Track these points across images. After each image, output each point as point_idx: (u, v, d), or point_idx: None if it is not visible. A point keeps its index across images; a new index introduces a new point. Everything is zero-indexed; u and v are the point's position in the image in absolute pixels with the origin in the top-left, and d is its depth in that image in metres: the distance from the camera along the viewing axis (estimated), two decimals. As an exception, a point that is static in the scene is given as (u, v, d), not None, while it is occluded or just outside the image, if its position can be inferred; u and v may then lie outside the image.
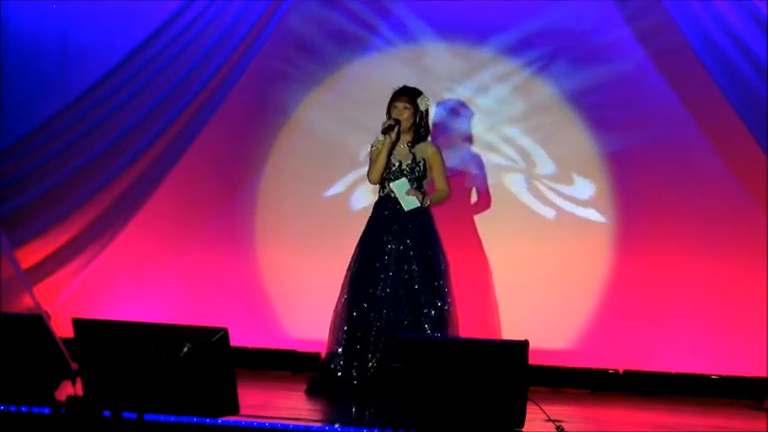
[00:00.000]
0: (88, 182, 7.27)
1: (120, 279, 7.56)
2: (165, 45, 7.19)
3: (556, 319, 7.12)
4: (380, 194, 6.28)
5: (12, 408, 4.89)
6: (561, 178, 7.25)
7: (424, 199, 6.16)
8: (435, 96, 7.07)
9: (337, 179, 7.46)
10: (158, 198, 7.39)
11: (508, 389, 4.46)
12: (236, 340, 4.39)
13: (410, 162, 6.20)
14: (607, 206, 7.20)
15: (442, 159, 6.28)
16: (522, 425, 4.49)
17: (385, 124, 6.15)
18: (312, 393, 6.18)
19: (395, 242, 6.17)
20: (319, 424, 4.99)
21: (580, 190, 7.23)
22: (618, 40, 7.15)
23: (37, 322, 4.86)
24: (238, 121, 7.53)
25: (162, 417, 4.64)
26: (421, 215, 6.20)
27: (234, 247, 7.55)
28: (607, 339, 7.12)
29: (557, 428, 4.99)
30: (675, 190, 7.09)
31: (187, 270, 7.54)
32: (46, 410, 4.79)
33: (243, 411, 4.39)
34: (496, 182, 7.27)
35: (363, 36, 7.44)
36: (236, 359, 4.33)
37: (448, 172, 6.39)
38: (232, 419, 4.63)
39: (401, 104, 6.21)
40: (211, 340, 4.27)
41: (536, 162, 7.28)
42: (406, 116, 6.20)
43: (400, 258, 6.14)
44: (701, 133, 7.07)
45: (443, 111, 7.28)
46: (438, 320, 6.07)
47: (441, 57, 7.36)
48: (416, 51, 7.40)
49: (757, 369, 6.83)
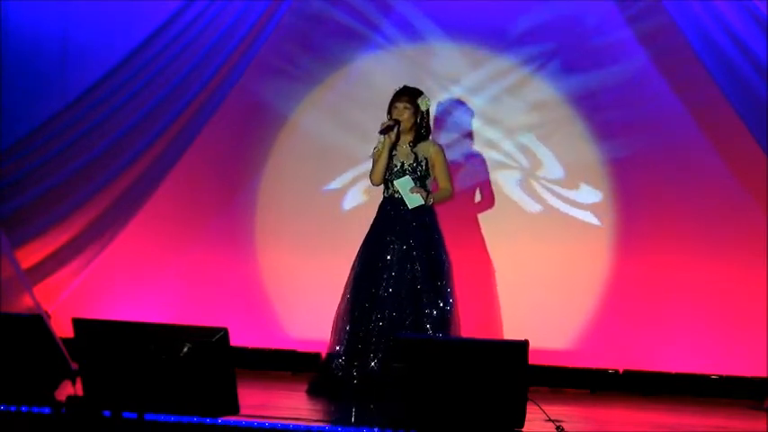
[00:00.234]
0: (88, 182, 7.27)
1: (120, 279, 7.55)
2: (165, 45, 7.19)
3: (556, 319, 7.12)
4: (384, 195, 6.29)
5: (12, 408, 4.89)
6: (561, 178, 7.25)
7: (428, 197, 6.16)
8: (436, 96, 7.08)
9: (337, 179, 7.46)
10: (158, 198, 7.39)
11: (508, 389, 4.46)
12: (236, 340, 4.39)
13: (412, 162, 6.20)
14: (607, 206, 7.20)
15: (445, 158, 6.28)
16: (522, 425, 4.49)
17: (383, 125, 6.15)
18: (314, 393, 6.18)
19: (398, 242, 6.17)
20: (320, 424, 4.99)
21: (580, 190, 7.23)
22: (618, 41, 7.15)
23: (37, 322, 4.86)
24: (238, 121, 7.53)
25: (162, 417, 4.64)
26: (424, 215, 6.20)
27: (234, 247, 7.55)
28: (607, 339, 7.13)
29: (557, 428, 4.99)
30: (675, 190, 7.09)
31: (187, 270, 7.54)
32: (46, 410, 4.79)
33: (243, 411, 4.39)
34: (497, 181, 7.27)
35: (363, 36, 7.44)
36: (236, 359, 4.33)
37: (452, 171, 6.38)
38: (232, 419, 4.63)
39: (401, 105, 6.20)
40: (211, 340, 4.27)
41: (536, 162, 7.28)
42: (407, 116, 6.20)
43: (403, 258, 6.15)
44: (701, 133, 7.07)
45: (444, 110, 7.28)
46: (440, 320, 6.07)
47: (442, 56, 7.36)
48: (417, 51, 7.40)
49: (757, 369, 6.83)
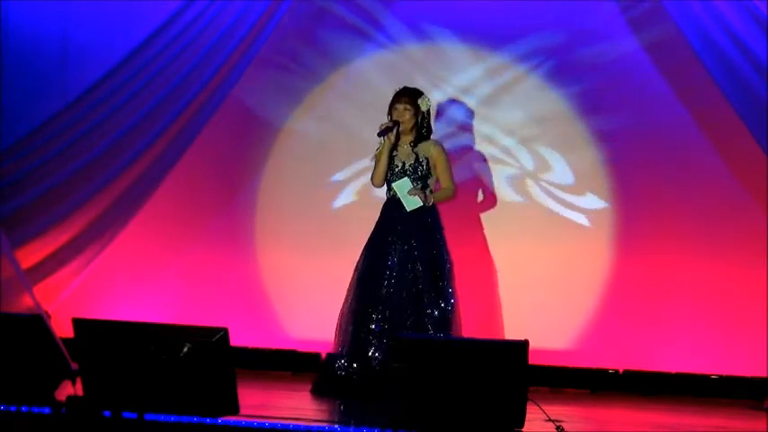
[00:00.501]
0: (88, 182, 7.27)
1: (120, 279, 7.56)
2: (165, 45, 7.19)
3: (556, 319, 7.12)
4: (387, 196, 6.29)
5: (12, 408, 4.89)
6: (561, 178, 7.25)
7: (428, 197, 6.15)
8: (436, 96, 7.08)
9: (338, 179, 7.46)
10: (158, 198, 7.39)
11: (508, 389, 4.46)
12: (236, 340, 4.39)
13: (413, 162, 6.20)
14: (607, 206, 7.20)
15: (447, 157, 6.27)
16: (522, 425, 4.49)
17: (382, 127, 6.15)
18: (317, 393, 6.19)
19: (400, 242, 6.17)
20: (320, 424, 4.99)
21: (580, 190, 7.23)
22: (618, 41, 7.14)
23: (37, 322, 4.86)
24: (238, 121, 7.53)
25: (162, 417, 4.64)
26: (426, 215, 6.20)
27: (234, 247, 7.55)
28: (607, 339, 7.13)
29: (557, 428, 4.99)
30: (675, 190, 7.09)
31: (187, 270, 7.54)
32: (46, 410, 4.79)
33: (243, 411, 4.39)
34: (496, 181, 7.27)
35: (363, 35, 7.44)
36: (236, 359, 4.33)
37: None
38: (232, 419, 4.63)
39: (401, 106, 6.20)
40: (211, 340, 4.27)
41: (536, 162, 7.28)
42: (408, 117, 6.20)
43: (405, 258, 6.15)
44: (701, 133, 7.07)
45: (445, 110, 7.28)
46: (441, 321, 6.07)
47: (442, 57, 7.36)
48: (417, 51, 7.39)
49: (757, 369, 6.83)
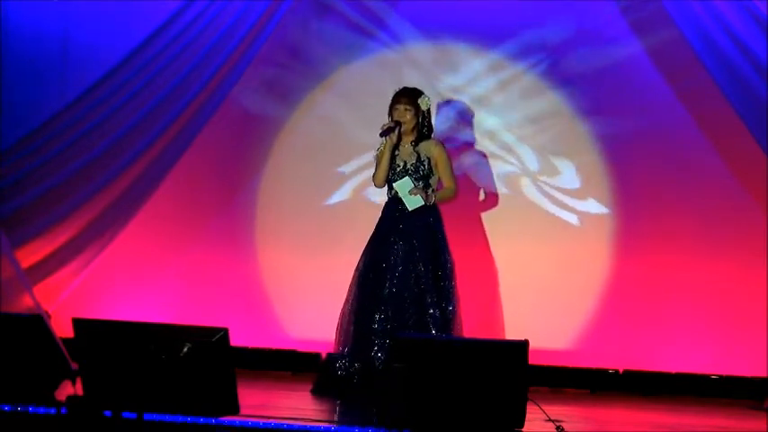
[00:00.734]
0: (88, 182, 7.27)
1: (120, 279, 7.55)
2: (165, 45, 7.19)
3: (556, 319, 7.12)
4: (388, 196, 6.29)
5: (12, 408, 4.89)
6: (561, 178, 7.25)
7: (429, 196, 6.15)
8: (436, 98, 7.08)
9: (337, 179, 7.46)
10: (158, 198, 7.39)
11: (508, 389, 4.46)
12: (236, 340, 4.39)
13: (414, 161, 6.20)
14: (607, 206, 7.20)
15: (448, 156, 6.28)
16: (522, 425, 4.49)
17: (383, 127, 6.15)
18: (318, 393, 6.19)
19: (402, 242, 6.17)
20: (320, 424, 4.99)
21: (580, 190, 7.23)
22: (618, 41, 7.14)
23: (37, 322, 4.87)
24: (238, 121, 7.53)
25: (162, 417, 4.64)
26: (428, 215, 6.20)
27: (234, 247, 7.55)
28: (607, 339, 7.12)
29: (557, 428, 4.99)
30: (675, 190, 7.09)
31: (187, 270, 7.54)
32: (46, 410, 4.79)
33: (243, 411, 4.39)
34: (497, 182, 7.27)
35: (364, 36, 7.44)
36: (236, 359, 4.33)
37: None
38: (232, 419, 4.63)
39: (402, 107, 6.21)
40: (211, 340, 4.27)
41: (536, 162, 7.28)
42: (409, 117, 6.20)
43: (407, 258, 6.15)
44: (701, 133, 7.07)
45: (443, 112, 7.28)
46: (443, 321, 6.08)
47: (441, 58, 7.36)
48: (416, 52, 7.39)
49: (757, 369, 6.83)
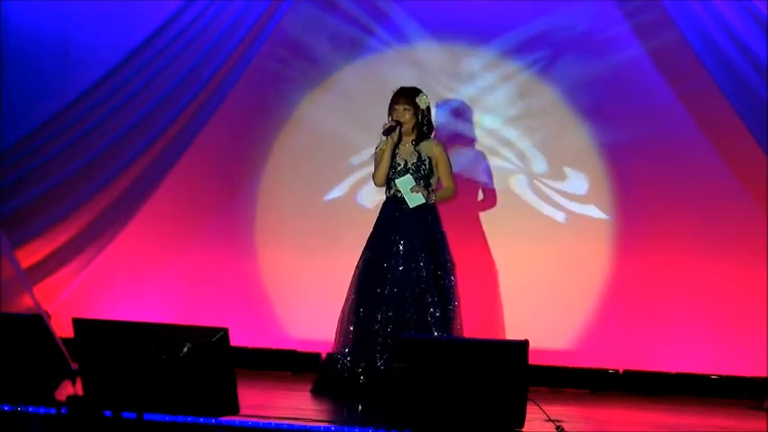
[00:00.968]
0: (88, 182, 7.27)
1: (120, 279, 7.56)
2: (165, 45, 7.19)
3: (556, 319, 7.12)
4: (387, 195, 6.29)
5: (12, 407, 4.89)
6: (561, 178, 7.25)
7: (430, 195, 6.16)
8: (436, 97, 7.08)
9: (337, 179, 7.46)
10: (158, 198, 7.39)
11: (508, 389, 4.46)
12: (236, 340, 4.39)
13: (415, 161, 6.21)
14: (607, 206, 7.20)
15: (448, 157, 6.29)
16: (522, 425, 4.49)
17: (386, 126, 6.16)
18: (318, 393, 6.19)
19: (402, 242, 6.17)
20: (320, 424, 4.99)
21: (580, 190, 7.23)
22: (618, 41, 7.14)
23: (37, 322, 4.87)
24: (238, 121, 7.54)
25: (162, 417, 4.64)
26: (428, 214, 6.20)
27: (234, 247, 7.55)
28: (607, 339, 7.13)
29: (557, 428, 4.99)
30: (675, 190, 7.09)
31: (187, 270, 7.54)
32: (46, 410, 4.79)
33: (243, 411, 4.39)
34: (497, 182, 7.27)
35: (363, 36, 7.44)
36: (236, 359, 4.34)
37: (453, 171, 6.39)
38: (232, 419, 4.63)
39: (401, 107, 6.21)
40: (211, 340, 4.28)
41: (536, 162, 7.28)
42: (408, 117, 6.21)
43: (407, 258, 6.15)
44: (701, 133, 7.07)
45: (443, 111, 7.28)
46: (444, 320, 6.08)
47: (440, 57, 7.36)
48: (416, 52, 7.40)
49: (757, 369, 6.83)
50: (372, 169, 6.31)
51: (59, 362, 4.84)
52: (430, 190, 6.18)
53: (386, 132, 6.14)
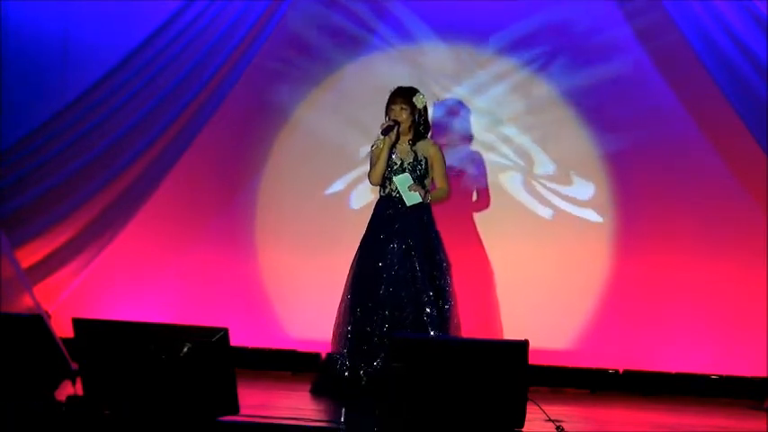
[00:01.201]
0: (88, 182, 7.27)
1: (120, 279, 7.55)
2: (165, 45, 7.19)
3: (556, 319, 7.12)
4: (381, 194, 6.28)
5: (12, 407, 4.89)
6: (561, 178, 7.25)
7: (426, 195, 6.16)
8: (434, 96, 7.08)
9: (337, 179, 7.46)
10: (158, 198, 7.39)
11: (508, 389, 4.46)
12: (236, 340, 4.40)
13: (411, 161, 6.21)
14: (607, 206, 7.20)
15: (443, 158, 6.29)
16: (522, 425, 4.49)
17: (384, 125, 6.16)
18: (317, 393, 6.18)
19: (397, 242, 6.16)
20: (320, 424, 4.99)
21: (580, 190, 7.23)
22: (618, 40, 7.14)
23: (37, 322, 4.87)
24: (238, 121, 7.53)
25: (162, 417, 4.63)
26: (422, 214, 6.20)
27: (234, 247, 7.55)
28: (607, 339, 7.13)
29: (557, 428, 4.99)
30: (675, 190, 7.10)
31: (187, 270, 7.54)
32: (46, 410, 4.79)
33: (243, 411, 4.40)
34: (496, 182, 7.27)
35: (363, 36, 7.44)
36: (236, 359, 4.34)
37: (448, 171, 6.39)
38: (232, 419, 4.63)
39: (397, 106, 6.21)
40: (211, 340, 4.28)
41: (535, 162, 7.28)
42: (405, 117, 6.21)
43: (402, 258, 6.14)
44: (701, 133, 7.07)
45: (442, 110, 7.28)
46: (440, 320, 6.07)
47: (440, 56, 7.36)
48: (416, 51, 7.40)
49: (757, 369, 6.83)
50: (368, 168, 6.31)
51: (59, 362, 4.85)
52: (426, 190, 6.19)
53: (384, 132, 6.14)
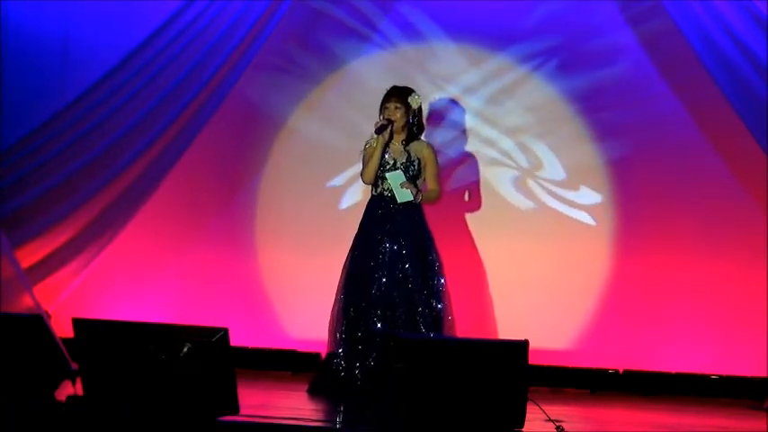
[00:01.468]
0: (88, 182, 7.27)
1: (120, 279, 7.56)
2: (165, 45, 7.19)
3: (556, 319, 7.12)
4: (373, 193, 6.28)
5: (12, 407, 4.89)
6: (560, 178, 7.25)
7: (417, 194, 6.15)
8: (433, 96, 7.08)
9: (337, 179, 7.46)
10: (158, 198, 7.39)
11: (508, 389, 4.46)
12: (236, 340, 4.39)
13: (404, 161, 6.20)
14: (607, 206, 7.20)
15: (436, 160, 6.29)
16: (522, 425, 4.49)
17: (377, 124, 6.15)
18: (314, 393, 6.18)
19: (389, 241, 6.16)
20: (319, 424, 4.99)
21: (579, 189, 7.23)
22: (618, 41, 7.14)
23: (37, 322, 4.87)
24: (238, 121, 7.54)
25: (162, 417, 4.63)
26: (414, 214, 6.19)
27: (234, 247, 7.55)
28: (607, 339, 7.13)
29: (557, 428, 4.99)
30: (675, 190, 7.10)
31: (187, 270, 7.54)
32: (46, 410, 4.79)
33: (243, 411, 4.39)
34: (496, 181, 7.27)
35: (363, 36, 7.44)
36: (236, 359, 4.34)
37: (446, 170, 6.38)
38: (232, 419, 4.63)
39: (392, 105, 6.20)
40: (211, 340, 4.28)
41: (535, 162, 7.28)
42: (399, 116, 6.20)
43: (394, 258, 6.14)
44: (701, 133, 7.07)
45: (441, 110, 7.28)
46: (433, 320, 6.07)
47: (440, 56, 7.36)
48: (415, 51, 7.39)
49: (757, 369, 6.83)
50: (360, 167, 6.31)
51: (59, 362, 4.85)
52: (418, 189, 6.18)
53: (378, 130, 6.13)
